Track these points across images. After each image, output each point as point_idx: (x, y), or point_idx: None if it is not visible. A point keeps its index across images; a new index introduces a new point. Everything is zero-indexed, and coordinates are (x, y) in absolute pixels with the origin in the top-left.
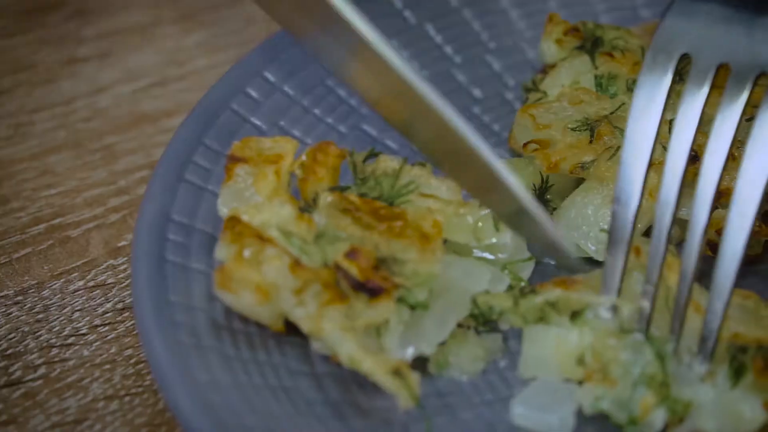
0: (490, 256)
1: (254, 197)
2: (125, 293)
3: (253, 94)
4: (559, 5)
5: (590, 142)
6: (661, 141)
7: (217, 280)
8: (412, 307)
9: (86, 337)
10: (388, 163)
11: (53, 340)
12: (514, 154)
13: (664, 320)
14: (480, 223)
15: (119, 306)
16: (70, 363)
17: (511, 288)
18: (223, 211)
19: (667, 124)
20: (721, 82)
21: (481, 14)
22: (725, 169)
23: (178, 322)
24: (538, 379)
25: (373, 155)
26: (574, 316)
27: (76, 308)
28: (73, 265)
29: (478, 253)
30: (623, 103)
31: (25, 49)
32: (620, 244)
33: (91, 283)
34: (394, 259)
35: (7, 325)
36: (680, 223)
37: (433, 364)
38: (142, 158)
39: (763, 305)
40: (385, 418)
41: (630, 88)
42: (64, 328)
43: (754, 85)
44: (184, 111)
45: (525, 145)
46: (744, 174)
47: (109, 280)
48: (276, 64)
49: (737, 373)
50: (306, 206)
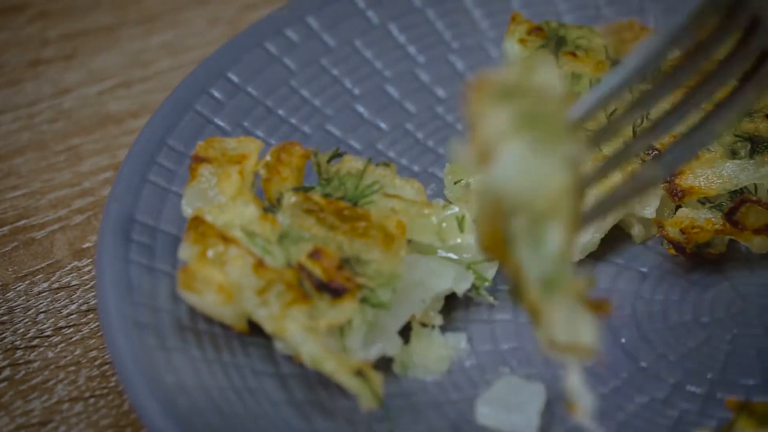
0: (455, 257)
1: (218, 197)
2: (90, 295)
3: (217, 94)
4: (522, 5)
5: None
6: None
7: (181, 281)
8: (376, 307)
9: (51, 339)
10: (352, 164)
11: (18, 342)
12: None
13: None
14: (444, 224)
15: (84, 308)
16: (35, 365)
17: (474, 287)
18: (187, 212)
19: None
20: None
21: (444, 14)
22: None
23: (143, 324)
24: (503, 378)
25: (337, 155)
26: None
27: (41, 310)
28: (38, 267)
29: (442, 253)
30: None
31: None
32: None
33: (56, 285)
34: (357, 259)
35: None
36: None
37: (398, 365)
38: (107, 159)
39: None
40: (350, 419)
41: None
42: (29, 330)
43: None
44: (148, 112)
45: None
46: None
47: (74, 282)
48: (239, 65)
49: None
50: (270, 206)
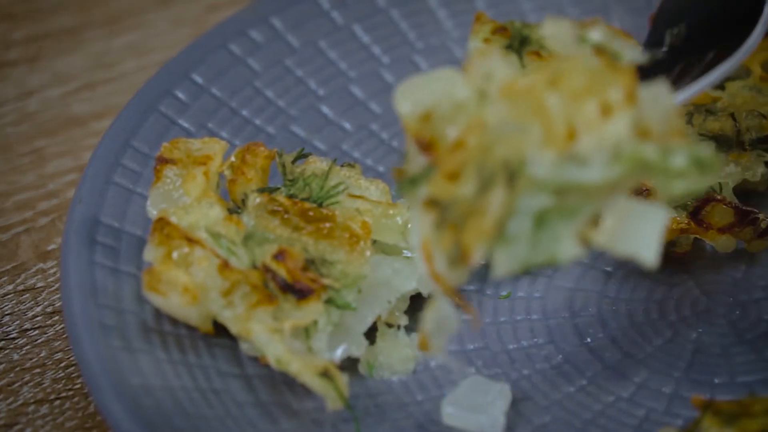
0: None
1: (183, 199)
2: (55, 297)
3: (181, 96)
4: (487, 5)
5: None
6: None
7: (146, 282)
8: (341, 308)
9: (16, 341)
10: (317, 164)
11: None
12: None
13: None
14: (409, 224)
15: (49, 310)
16: (0, 367)
17: None
18: (152, 213)
19: None
20: None
21: (409, 14)
22: None
23: (108, 325)
24: (469, 379)
25: (302, 156)
26: None
27: (6, 312)
28: (3, 269)
29: (407, 253)
30: None
31: None
32: None
33: (21, 287)
34: (322, 260)
35: None
36: None
37: (363, 365)
38: (72, 161)
39: None
40: (315, 419)
41: None
42: None
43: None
44: (113, 114)
45: None
46: None
47: (39, 284)
48: (204, 66)
49: None
50: (235, 207)
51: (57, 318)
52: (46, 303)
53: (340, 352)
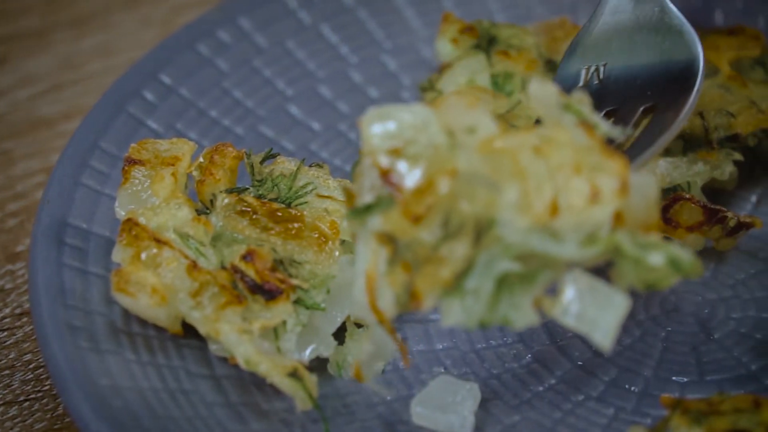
0: None
1: (151, 199)
2: (24, 299)
3: (149, 96)
4: (454, 4)
5: None
6: None
7: (114, 283)
8: (310, 308)
9: None
10: (285, 165)
11: None
12: None
13: None
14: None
15: (18, 311)
16: None
17: None
18: (120, 214)
19: None
20: None
21: (377, 14)
22: None
23: (77, 327)
24: (438, 378)
25: (270, 157)
26: None
27: None
28: None
29: None
30: (519, 102)
31: None
32: None
33: None
34: (291, 260)
35: None
36: None
37: (332, 365)
38: (40, 163)
39: None
40: (284, 420)
41: (525, 87)
42: None
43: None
44: (80, 115)
45: None
46: None
47: (7, 286)
48: (171, 67)
49: None
50: (203, 208)
51: (26, 319)
52: (14, 304)
53: (308, 353)
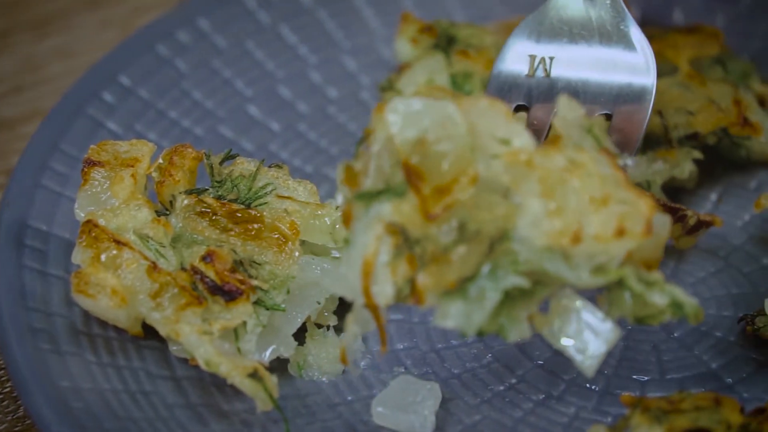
0: None
1: (111, 201)
2: None
3: (109, 98)
4: (413, 4)
5: None
6: None
7: (75, 285)
8: (270, 309)
9: None
10: (244, 166)
11: None
12: None
13: None
14: (338, 225)
15: None
16: None
17: None
18: (80, 216)
19: None
20: None
21: (336, 14)
22: None
23: (37, 329)
24: (398, 378)
25: (229, 157)
26: None
27: None
28: None
29: (336, 254)
30: None
31: None
32: None
33: None
34: (251, 261)
35: None
36: None
37: (293, 366)
38: None
39: None
40: (245, 420)
41: (485, 86)
42: None
43: None
44: (40, 117)
45: None
46: None
47: None
48: (131, 68)
49: None
50: (163, 209)
51: None
52: None
53: (269, 353)
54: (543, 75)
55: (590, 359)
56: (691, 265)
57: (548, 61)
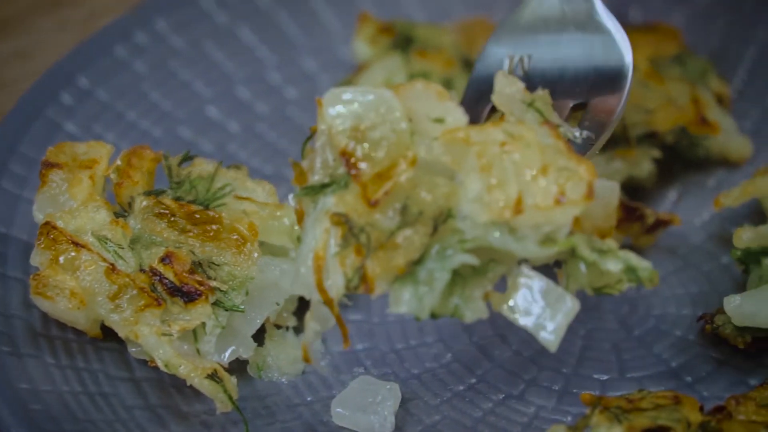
0: None
1: (69, 203)
2: None
3: (66, 100)
4: (372, 3)
5: None
6: None
7: (33, 287)
8: (229, 310)
9: None
10: (203, 167)
11: None
12: None
13: None
14: (296, 226)
15: None
16: None
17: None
18: (39, 218)
19: None
20: None
21: (294, 14)
22: None
23: None
24: (358, 379)
25: (188, 159)
26: None
27: None
28: None
29: (294, 254)
30: None
31: None
32: None
33: None
34: (210, 262)
35: None
36: None
37: (252, 367)
38: None
39: None
40: (205, 422)
41: (445, 85)
42: None
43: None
44: None
45: None
46: None
47: None
48: (88, 70)
49: None
50: (121, 211)
51: None
52: None
53: (228, 354)
54: (521, 73)
55: (551, 334)
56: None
57: (526, 59)
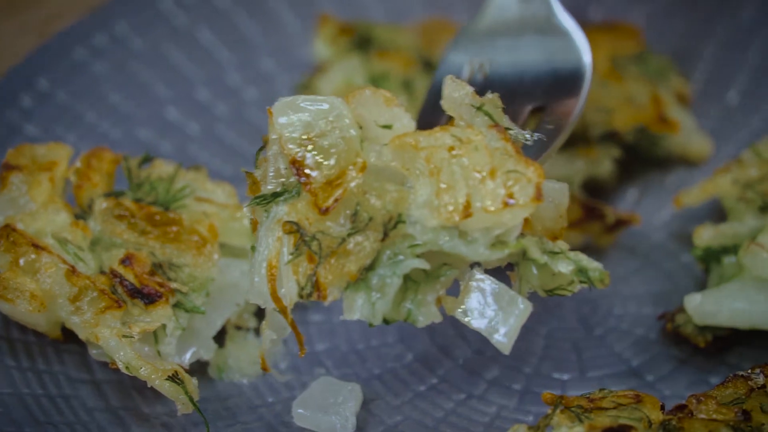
0: None
1: (29, 205)
2: None
3: (26, 102)
4: (331, 4)
5: None
6: None
7: None
8: (189, 312)
9: None
10: (162, 168)
11: None
12: None
13: None
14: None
15: None
16: None
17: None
18: None
19: None
20: None
21: (253, 15)
22: None
23: None
24: (319, 380)
25: (147, 160)
26: None
27: None
28: None
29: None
30: None
31: None
32: None
33: None
34: (170, 264)
35: None
36: None
37: (213, 368)
38: None
39: None
40: (166, 423)
41: (405, 86)
42: None
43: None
44: None
45: None
46: None
47: None
48: (48, 72)
49: None
50: (81, 213)
51: None
52: None
53: (189, 356)
54: (481, 79)
55: (504, 337)
56: (610, 263)
57: (487, 65)
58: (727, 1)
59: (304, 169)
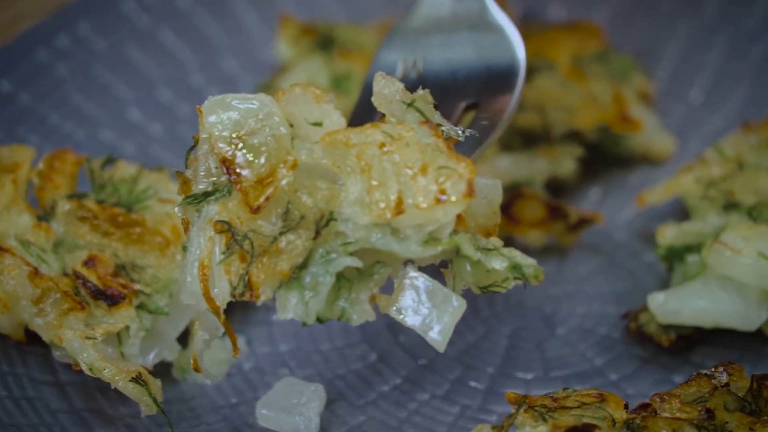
0: None
1: None
2: None
3: None
4: (293, 5)
5: None
6: None
7: None
8: (153, 313)
9: None
10: (125, 169)
11: None
12: None
13: None
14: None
15: None
16: None
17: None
18: None
19: None
20: None
21: (215, 16)
22: None
23: None
24: (283, 380)
25: (110, 161)
26: None
27: None
28: None
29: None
30: None
31: None
32: None
33: None
34: (133, 265)
35: None
36: None
37: (176, 369)
38: None
39: None
40: (130, 425)
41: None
42: None
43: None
44: None
45: None
46: None
47: None
48: (11, 74)
49: None
50: (44, 214)
51: None
52: None
53: (152, 357)
54: (414, 76)
55: (438, 335)
56: (574, 263)
57: (420, 62)
58: (689, 0)
59: (235, 167)
